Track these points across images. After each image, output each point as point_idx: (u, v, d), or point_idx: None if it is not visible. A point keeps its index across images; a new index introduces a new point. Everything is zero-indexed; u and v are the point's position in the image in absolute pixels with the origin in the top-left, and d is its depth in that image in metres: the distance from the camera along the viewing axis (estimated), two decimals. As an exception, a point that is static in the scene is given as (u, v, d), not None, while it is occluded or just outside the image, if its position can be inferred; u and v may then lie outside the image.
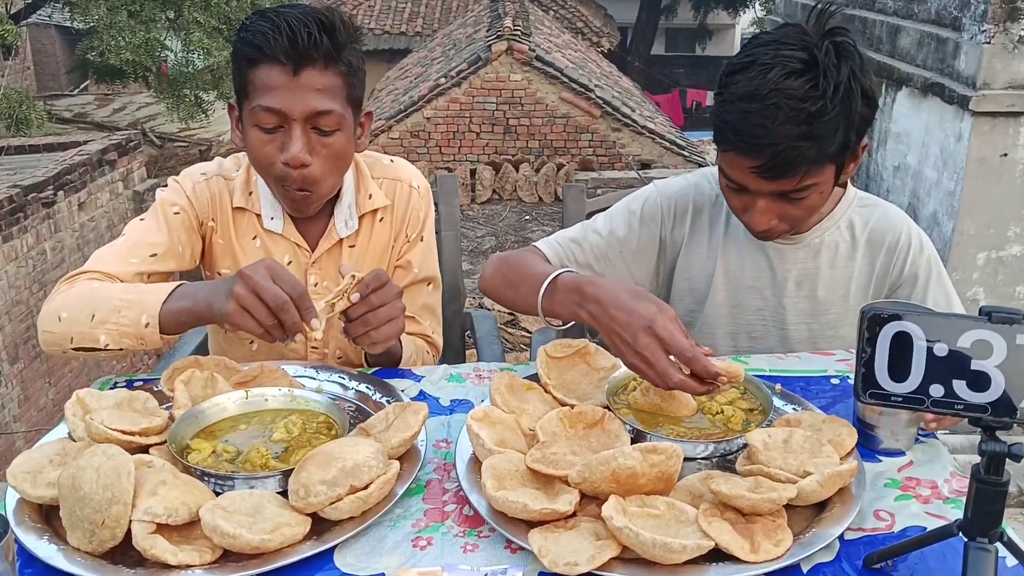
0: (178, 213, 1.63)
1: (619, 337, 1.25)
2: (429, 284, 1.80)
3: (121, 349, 1.39)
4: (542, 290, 1.42)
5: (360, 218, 1.69)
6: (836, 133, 1.35)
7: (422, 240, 1.77)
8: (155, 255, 1.58)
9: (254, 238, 1.67)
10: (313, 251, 1.68)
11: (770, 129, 1.33)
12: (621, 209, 1.71)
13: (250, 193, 1.66)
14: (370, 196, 1.71)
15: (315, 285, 1.68)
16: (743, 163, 1.40)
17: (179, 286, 1.40)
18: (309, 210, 1.61)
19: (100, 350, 1.40)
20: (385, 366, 1.59)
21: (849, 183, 1.62)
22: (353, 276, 1.34)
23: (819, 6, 1.40)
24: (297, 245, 1.67)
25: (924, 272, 1.60)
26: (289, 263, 1.67)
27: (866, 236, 1.62)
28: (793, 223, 1.50)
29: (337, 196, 1.68)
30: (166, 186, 1.68)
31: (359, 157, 1.73)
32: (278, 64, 1.45)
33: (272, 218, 1.66)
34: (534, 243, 1.70)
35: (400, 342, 1.60)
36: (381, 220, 1.72)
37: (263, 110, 1.47)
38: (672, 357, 1.20)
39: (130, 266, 1.54)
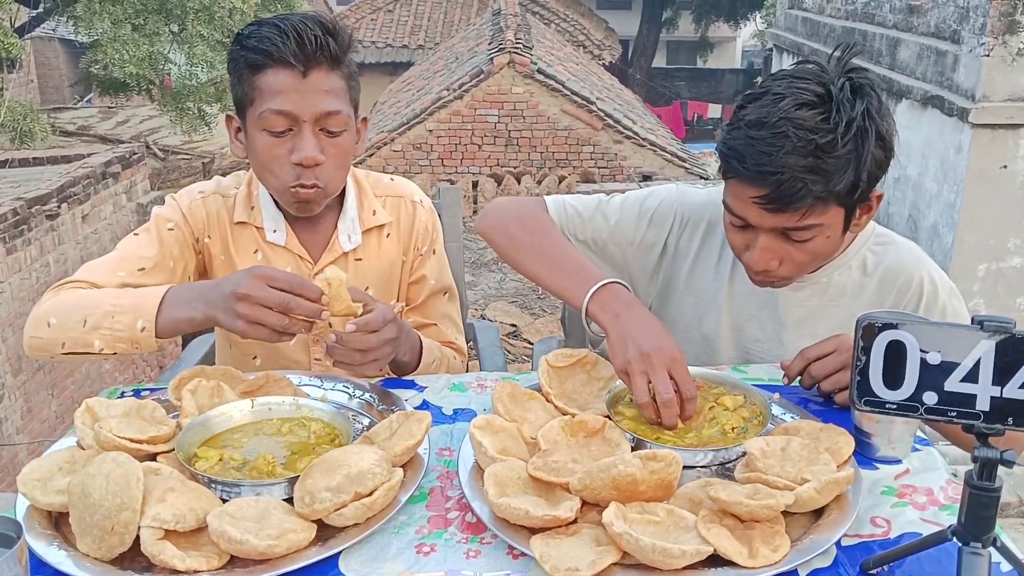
0: (172, 229, 1.66)
1: (628, 340, 1.29)
2: (445, 294, 1.83)
3: (115, 353, 1.42)
4: (588, 295, 1.40)
5: (365, 233, 1.72)
6: (845, 171, 1.31)
7: (434, 253, 1.81)
8: (143, 269, 1.59)
9: (255, 252, 1.70)
10: (316, 262, 1.70)
11: (775, 157, 1.30)
12: (635, 203, 1.69)
13: (252, 207, 1.69)
14: (374, 212, 1.74)
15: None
16: (746, 192, 1.36)
17: (170, 290, 1.42)
18: (316, 208, 1.62)
19: (93, 354, 1.42)
20: (400, 374, 1.61)
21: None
22: (362, 307, 1.37)
23: (840, 45, 1.38)
24: (300, 257, 1.69)
25: (938, 319, 1.53)
26: None
27: (878, 275, 1.57)
28: (794, 270, 1.45)
29: (339, 208, 1.71)
30: (163, 203, 1.72)
31: (359, 174, 1.76)
32: (287, 67, 1.49)
33: (275, 231, 1.68)
34: (543, 196, 1.70)
35: (422, 347, 1.65)
36: (388, 236, 1.75)
37: (273, 113, 1.50)
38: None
39: (117, 278, 1.55)
